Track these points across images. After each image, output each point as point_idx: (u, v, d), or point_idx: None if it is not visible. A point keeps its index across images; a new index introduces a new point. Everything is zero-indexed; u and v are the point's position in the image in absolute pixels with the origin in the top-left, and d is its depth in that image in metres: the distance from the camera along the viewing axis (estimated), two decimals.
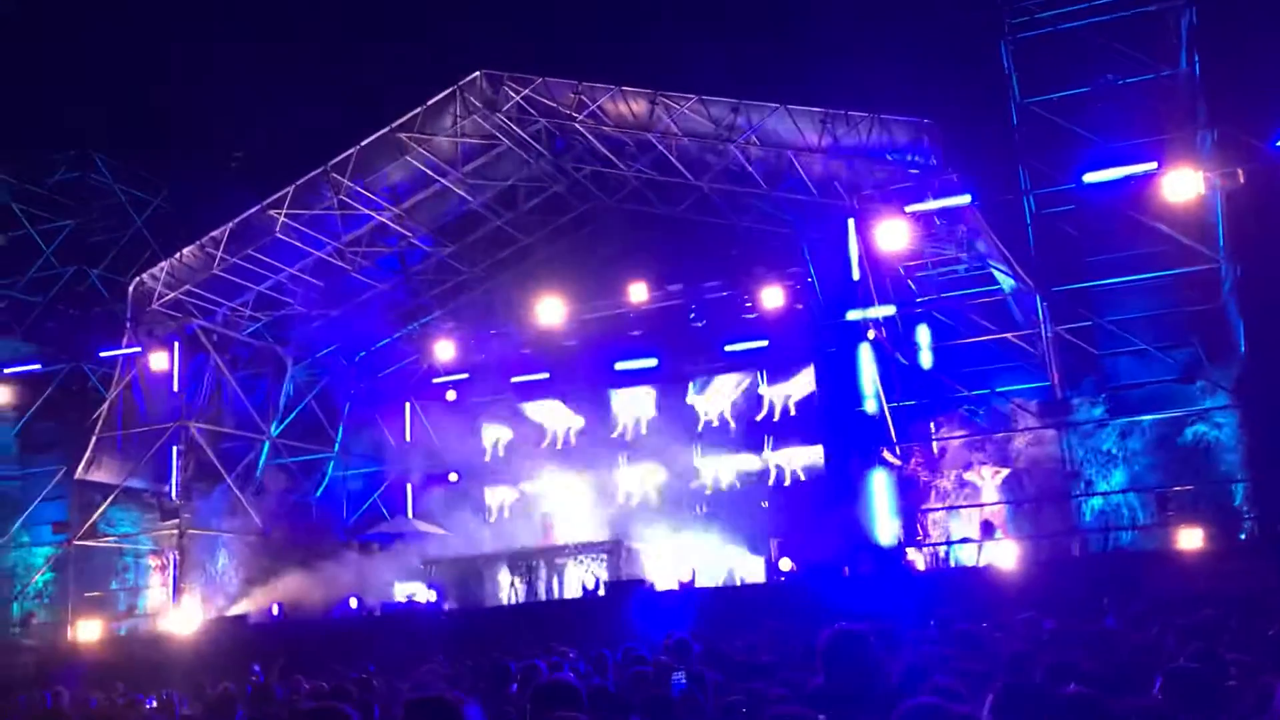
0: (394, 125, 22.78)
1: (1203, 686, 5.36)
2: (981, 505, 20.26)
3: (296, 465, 27.80)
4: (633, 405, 26.60)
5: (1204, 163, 18.46)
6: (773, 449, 25.13)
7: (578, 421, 27.05)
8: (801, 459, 24.79)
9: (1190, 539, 17.10)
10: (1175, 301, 19.43)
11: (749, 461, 25.20)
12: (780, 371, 25.36)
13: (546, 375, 27.13)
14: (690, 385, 26.16)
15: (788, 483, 24.72)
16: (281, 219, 23.41)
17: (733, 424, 25.76)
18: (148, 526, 25.27)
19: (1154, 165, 18.44)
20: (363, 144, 22.90)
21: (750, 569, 22.62)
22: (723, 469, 25.46)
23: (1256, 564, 14.96)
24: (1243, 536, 17.99)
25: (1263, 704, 4.93)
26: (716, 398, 25.97)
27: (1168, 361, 18.97)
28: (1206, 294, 19.56)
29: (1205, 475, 18.91)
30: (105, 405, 24.38)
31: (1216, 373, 18.85)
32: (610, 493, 26.06)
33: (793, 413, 25.22)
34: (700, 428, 25.88)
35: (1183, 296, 19.46)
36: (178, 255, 24.12)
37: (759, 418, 25.42)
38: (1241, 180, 18.21)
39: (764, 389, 25.39)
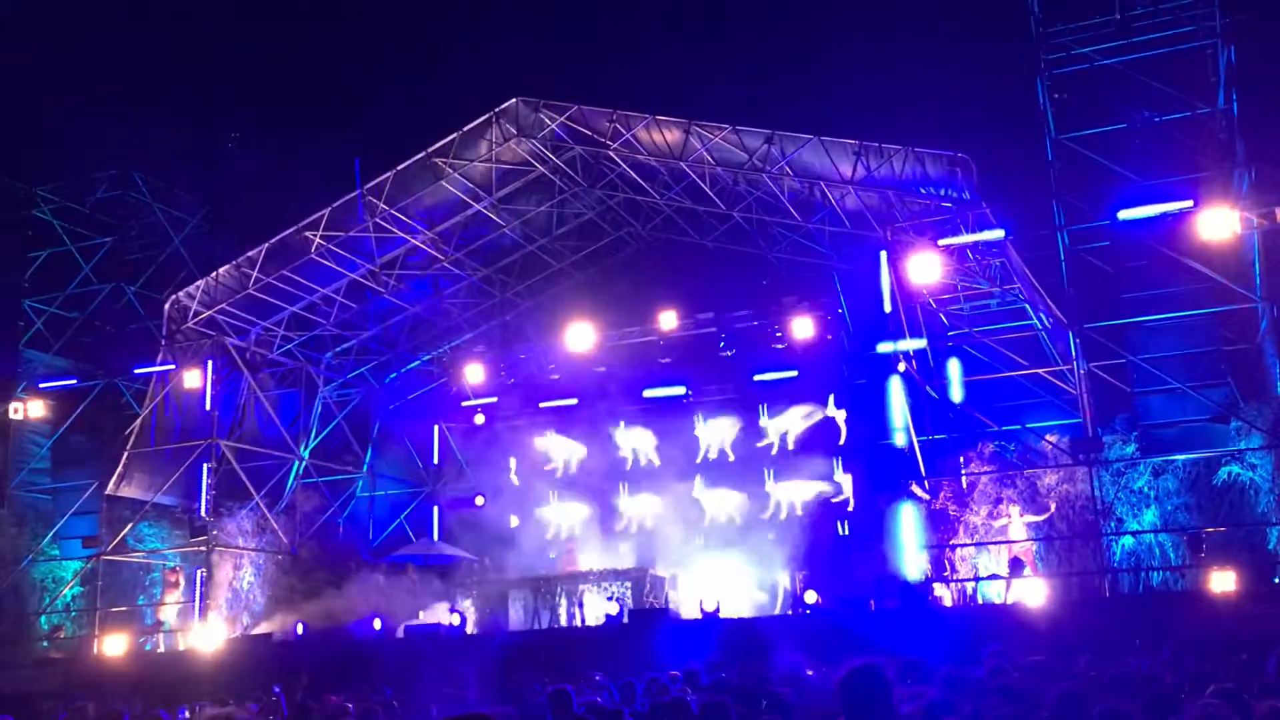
0: (430, 150, 23.02)
1: None
2: (1010, 542, 20.06)
3: (325, 485, 27.94)
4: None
5: (1241, 201, 18.34)
6: (774, 481, 24.98)
7: (610, 447, 26.90)
8: (803, 493, 24.60)
9: (1222, 581, 16.86)
10: (1210, 340, 19.23)
11: (779, 491, 25.00)
12: (784, 405, 25.25)
13: (575, 401, 27.11)
14: (697, 415, 26.01)
15: (812, 515, 24.47)
16: (317, 240, 23.66)
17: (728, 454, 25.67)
18: (176, 543, 25.42)
19: (1190, 203, 18.32)
20: (399, 168, 23.16)
21: (776, 600, 22.51)
22: (733, 500, 25.31)
23: None
24: (1276, 580, 17.73)
25: None
26: (726, 427, 25.84)
27: (1202, 401, 18.76)
28: (1242, 334, 19.41)
29: (1239, 517, 18.66)
30: (138, 421, 24.61)
31: (1251, 413, 18.64)
32: (636, 519, 25.95)
33: (790, 446, 25.09)
34: (708, 459, 25.78)
35: (1218, 336, 19.28)
36: (214, 274, 24.42)
37: (770, 447, 25.24)
38: (1279, 220, 18.08)
39: (765, 421, 25.36)
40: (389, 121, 27.90)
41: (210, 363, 24.45)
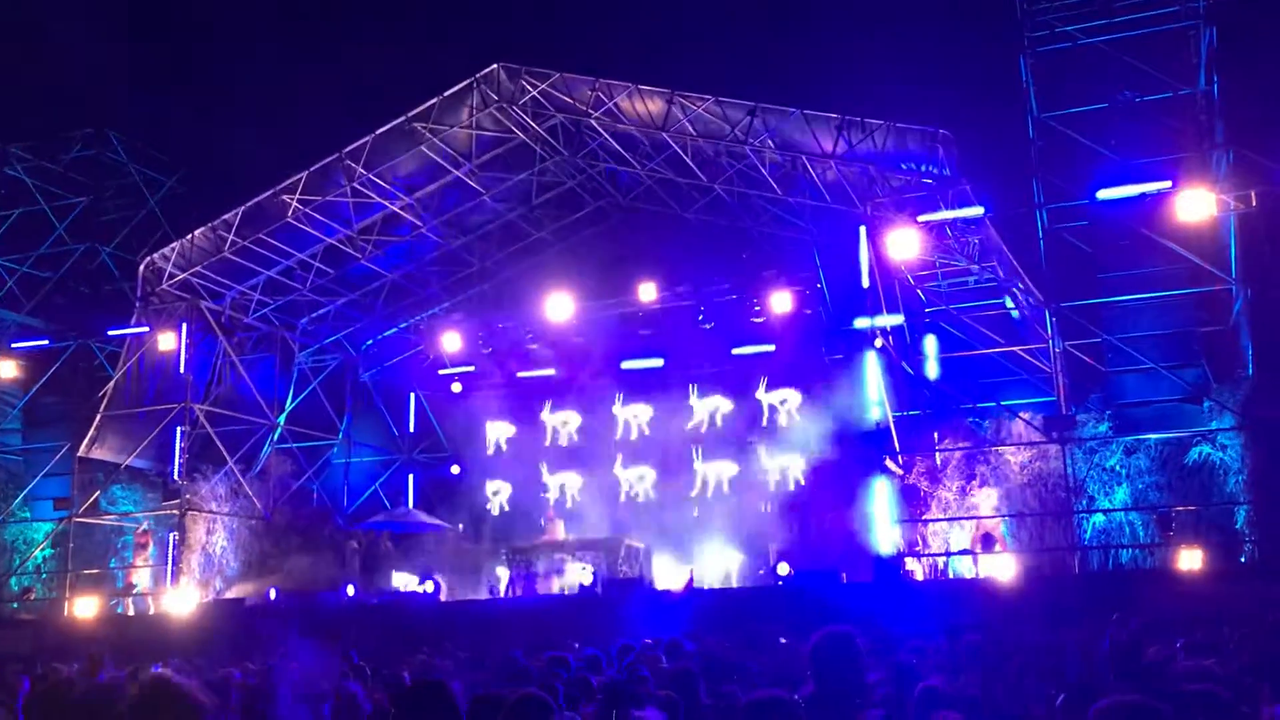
0: (410, 115, 22.79)
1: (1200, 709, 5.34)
2: (981, 518, 20.21)
3: (300, 451, 27.85)
4: (637, 407, 26.35)
5: (1219, 184, 18.42)
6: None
7: (580, 419, 26.82)
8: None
9: (1190, 560, 17.07)
10: (1185, 321, 19.38)
11: (745, 466, 25.02)
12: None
13: (553, 371, 27.08)
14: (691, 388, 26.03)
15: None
16: (294, 204, 23.44)
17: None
18: (149, 506, 25.31)
19: (1168, 184, 18.38)
20: (378, 133, 22.92)
21: (748, 572, 22.62)
22: (716, 472, 25.35)
23: (1256, 587, 14.93)
24: (1243, 559, 17.95)
25: None
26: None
27: (1175, 381, 18.90)
28: (1216, 315, 19.53)
29: (1208, 496, 18.85)
30: (111, 383, 24.43)
31: (1224, 394, 18.81)
32: (612, 490, 25.94)
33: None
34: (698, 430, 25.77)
35: (1192, 317, 19.42)
36: (189, 236, 24.15)
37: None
38: (1255, 203, 18.18)
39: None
40: (369, 85, 27.66)
41: (185, 325, 24.26)
